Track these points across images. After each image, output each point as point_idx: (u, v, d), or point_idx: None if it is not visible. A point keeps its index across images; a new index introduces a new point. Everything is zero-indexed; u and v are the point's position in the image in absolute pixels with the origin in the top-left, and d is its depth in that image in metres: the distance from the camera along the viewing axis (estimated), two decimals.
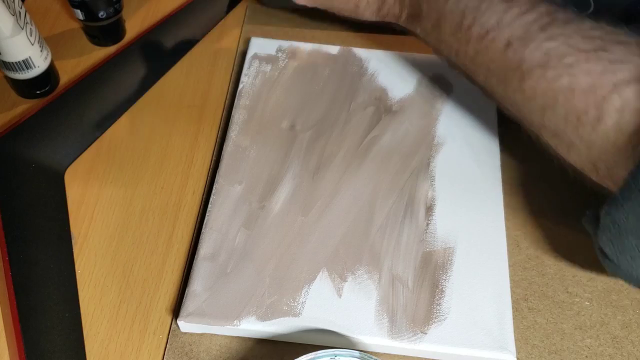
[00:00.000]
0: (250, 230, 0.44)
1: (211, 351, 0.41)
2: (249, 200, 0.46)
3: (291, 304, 0.41)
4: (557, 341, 0.42)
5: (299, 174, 0.48)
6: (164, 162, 0.51)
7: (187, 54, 0.59)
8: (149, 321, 0.43)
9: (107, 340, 0.42)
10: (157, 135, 0.53)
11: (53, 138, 0.51)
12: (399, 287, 0.42)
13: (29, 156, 0.49)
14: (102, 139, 0.52)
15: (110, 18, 0.57)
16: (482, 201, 0.47)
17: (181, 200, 0.49)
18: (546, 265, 0.45)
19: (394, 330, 0.40)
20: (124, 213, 0.48)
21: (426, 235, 0.45)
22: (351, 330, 0.40)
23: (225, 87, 0.56)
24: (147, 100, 0.55)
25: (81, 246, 0.46)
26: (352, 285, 0.42)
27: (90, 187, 0.49)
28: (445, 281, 0.43)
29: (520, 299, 0.44)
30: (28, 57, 0.51)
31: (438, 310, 0.41)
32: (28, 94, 0.55)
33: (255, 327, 0.40)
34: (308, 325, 0.41)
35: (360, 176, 0.47)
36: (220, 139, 0.52)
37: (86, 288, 0.44)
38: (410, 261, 0.43)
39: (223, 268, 0.43)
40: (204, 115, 0.54)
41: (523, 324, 0.43)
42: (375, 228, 0.45)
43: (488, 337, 0.40)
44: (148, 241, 0.46)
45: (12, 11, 0.48)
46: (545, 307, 0.43)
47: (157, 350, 0.41)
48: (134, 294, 0.44)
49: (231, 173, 0.48)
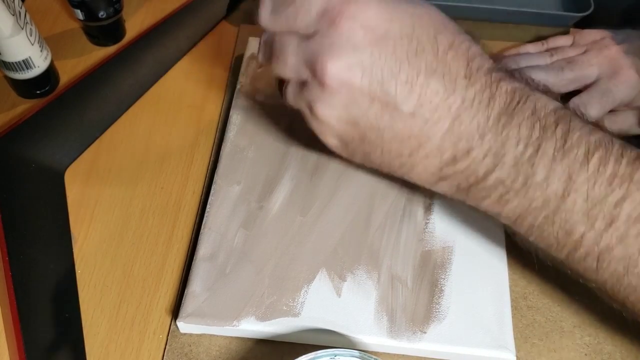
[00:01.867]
0: (249, 231, 0.45)
1: (211, 352, 0.41)
2: (247, 201, 0.46)
3: (290, 304, 0.41)
4: (557, 339, 0.42)
5: (298, 174, 0.48)
6: (163, 162, 0.51)
7: (187, 54, 0.59)
8: (148, 321, 0.43)
9: (107, 340, 0.42)
10: (156, 136, 0.53)
11: (53, 138, 0.51)
12: (398, 287, 0.42)
13: (29, 156, 0.49)
14: (102, 139, 0.52)
15: (110, 18, 0.57)
16: None
17: (181, 200, 0.49)
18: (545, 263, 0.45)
19: (393, 329, 0.40)
20: (124, 213, 0.48)
21: (425, 234, 0.45)
22: (351, 330, 0.40)
23: (224, 87, 0.56)
24: (146, 100, 0.55)
25: (81, 246, 0.46)
26: (351, 285, 0.42)
27: (90, 187, 0.49)
28: (445, 280, 0.43)
29: (519, 297, 0.44)
30: (28, 57, 0.51)
31: (437, 309, 0.41)
32: (28, 94, 0.55)
33: (254, 328, 0.40)
34: (307, 325, 0.41)
35: (358, 175, 0.47)
36: (219, 139, 0.52)
37: (86, 288, 0.44)
38: (409, 260, 0.43)
39: (222, 268, 0.43)
40: (203, 115, 0.54)
41: (522, 322, 0.43)
42: (374, 227, 0.45)
43: (487, 335, 0.40)
44: (148, 241, 0.46)
45: (12, 11, 0.48)
46: (545, 305, 0.43)
47: (157, 351, 0.41)
48: (133, 294, 0.44)
49: (229, 173, 0.48)
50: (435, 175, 0.36)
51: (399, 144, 0.35)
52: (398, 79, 0.33)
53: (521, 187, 0.33)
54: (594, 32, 0.55)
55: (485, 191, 0.34)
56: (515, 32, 0.61)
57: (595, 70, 0.51)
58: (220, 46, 0.59)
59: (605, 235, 0.31)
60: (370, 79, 0.33)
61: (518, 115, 0.33)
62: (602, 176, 0.31)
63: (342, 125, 0.36)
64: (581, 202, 0.31)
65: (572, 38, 0.56)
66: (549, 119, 0.33)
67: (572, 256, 0.33)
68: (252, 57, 0.55)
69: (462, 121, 0.33)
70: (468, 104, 0.33)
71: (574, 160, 0.32)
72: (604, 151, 0.31)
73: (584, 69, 0.51)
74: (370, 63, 0.33)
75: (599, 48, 0.52)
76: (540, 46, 0.56)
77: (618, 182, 0.31)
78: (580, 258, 0.33)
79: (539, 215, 0.33)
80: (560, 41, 0.56)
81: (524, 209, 0.34)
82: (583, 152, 0.32)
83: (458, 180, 0.35)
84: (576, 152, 0.32)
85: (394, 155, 0.36)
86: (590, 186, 0.31)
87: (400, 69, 0.33)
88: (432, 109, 0.33)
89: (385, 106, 0.34)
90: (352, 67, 0.33)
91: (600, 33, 0.54)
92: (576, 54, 0.53)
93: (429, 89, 0.33)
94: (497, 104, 0.33)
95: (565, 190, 0.32)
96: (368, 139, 0.36)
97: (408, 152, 0.35)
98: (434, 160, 0.35)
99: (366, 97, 0.34)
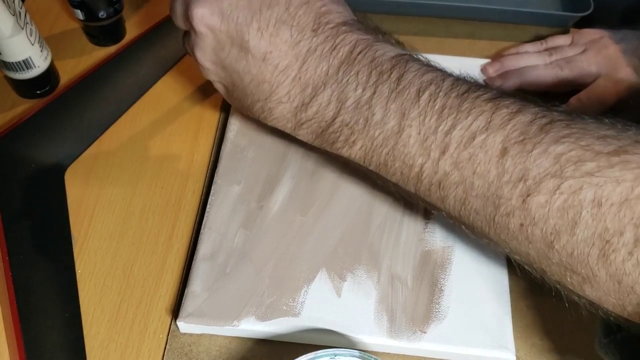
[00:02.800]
0: (249, 231, 0.45)
1: (211, 352, 0.41)
2: (247, 201, 0.46)
3: (290, 304, 0.41)
4: (557, 339, 0.42)
5: (297, 173, 0.48)
6: (163, 162, 0.51)
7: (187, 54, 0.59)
8: (149, 321, 0.43)
9: (107, 340, 0.42)
10: (157, 135, 0.53)
11: (53, 138, 0.51)
12: (398, 286, 0.42)
13: (29, 156, 0.49)
14: (102, 139, 0.52)
15: (110, 18, 0.57)
16: None
17: (181, 200, 0.49)
18: None
19: (393, 329, 0.40)
20: (124, 213, 0.48)
21: (425, 234, 0.45)
22: (351, 330, 0.40)
23: None
24: (147, 101, 0.55)
25: (81, 246, 0.46)
26: (351, 285, 0.42)
27: (90, 187, 0.49)
28: (445, 280, 0.43)
29: (519, 297, 0.44)
30: (28, 57, 0.51)
31: (437, 309, 0.41)
32: (28, 94, 0.55)
33: (254, 327, 0.40)
34: (307, 325, 0.41)
35: (358, 175, 0.47)
36: (219, 139, 0.52)
37: (86, 288, 0.44)
38: (410, 260, 0.43)
39: (222, 268, 0.43)
40: (203, 115, 0.54)
41: (522, 322, 0.43)
42: (374, 227, 0.45)
43: (487, 335, 0.40)
44: (148, 241, 0.46)
45: (12, 11, 0.48)
46: (545, 305, 0.43)
47: (157, 350, 0.41)
48: (134, 294, 0.44)
49: (229, 173, 0.48)
50: (291, 121, 0.40)
51: (256, 89, 0.40)
52: (251, 26, 0.38)
53: (363, 127, 0.36)
54: (592, 32, 0.55)
55: (334, 135, 0.38)
56: (515, 32, 0.61)
57: (594, 70, 0.51)
58: None
59: (442, 162, 0.34)
60: (228, 25, 0.39)
61: (359, 63, 0.37)
62: (431, 110, 0.34)
63: (216, 68, 0.42)
64: (415, 135, 0.34)
65: (571, 37, 0.56)
66: (386, 65, 0.36)
67: (419, 188, 0.36)
68: None
69: (307, 69, 0.38)
70: (312, 53, 0.38)
71: (406, 99, 0.35)
72: (434, 87, 0.34)
73: (583, 69, 0.52)
74: (229, 10, 0.38)
75: (597, 47, 0.52)
76: (539, 46, 0.57)
77: (447, 112, 0.33)
78: (426, 188, 0.35)
79: (382, 152, 0.36)
80: (559, 40, 0.56)
81: (368, 148, 0.37)
82: (415, 90, 0.35)
83: (312, 127, 0.39)
84: (408, 91, 0.35)
85: (255, 99, 0.41)
86: (421, 120, 0.34)
87: (253, 18, 0.38)
88: (281, 56, 0.38)
89: (241, 50, 0.39)
90: (213, 13, 0.39)
91: (598, 32, 0.54)
92: (575, 54, 0.53)
93: (278, 37, 0.38)
94: (340, 53, 0.37)
95: (400, 126, 0.35)
96: (236, 84, 0.41)
97: (264, 97, 0.40)
98: (287, 106, 0.39)
99: (228, 41, 0.39)
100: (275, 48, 0.38)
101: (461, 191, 0.34)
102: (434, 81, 0.35)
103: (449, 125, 0.33)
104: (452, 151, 0.33)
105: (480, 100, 0.33)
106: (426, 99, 0.34)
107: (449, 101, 0.34)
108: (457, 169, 0.33)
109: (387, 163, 0.36)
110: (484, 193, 0.33)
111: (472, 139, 0.32)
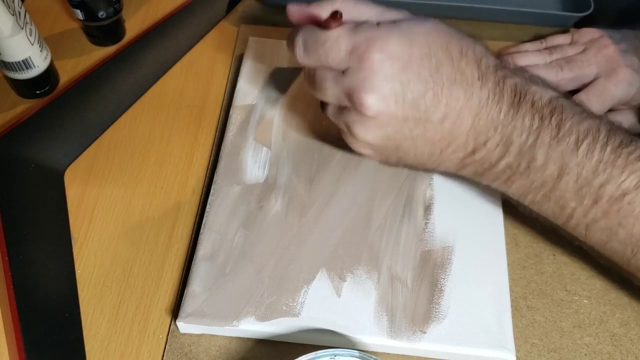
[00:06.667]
0: (249, 231, 0.45)
1: (210, 352, 0.41)
2: (247, 201, 0.46)
3: (290, 304, 0.41)
4: (556, 339, 0.42)
5: (297, 174, 0.48)
6: (163, 162, 0.51)
7: (187, 54, 0.59)
8: (148, 321, 0.43)
9: (107, 340, 0.42)
10: (156, 135, 0.53)
11: (53, 138, 0.51)
12: (398, 287, 0.42)
13: (29, 156, 0.49)
14: (102, 139, 0.52)
15: (110, 18, 0.57)
16: (480, 199, 0.47)
17: (181, 200, 0.49)
18: (545, 263, 0.45)
19: (393, 329, 0.40)
20: (124, 213, 0.48)
21: (425, 234, 0.45)
22: (350, 330, 0.40)
23: (224, 87, 0.56)
24: (146, 100, 0.55)
25: (81, 246, 0.46)
26: (351, 285, 0.42)
27: (90, 187, 0.49)
28: (445, 280, 0.43)
29: (519, 298, 0.44)
30: (28, 57, 0.51)
31: (437, 309, 0.41)
32: (28, 94, 0.55)
33: (254, 328, 0.40)
34: (307, 325, 0.41)
35: (358, 175, 0.47)
36: (219, 139, 0.52)
37: (86, 288, 0.44)
38: (409, 260, 0.43)
39: (222, 268, 0.43)
40: (203, 115, 0.54)
41: (522, 323, 0.43)
42: (373, 227, 0.45)
43: (487, 335, 0.40)
44: (148, 241, 0.46)
45: (12, 11, 0.48)
46: (544, 305, 0.43)
47: (157, 350, 0.41)
48: (133, 294, 0.44)
49: (229, 173, 0.48)
50: (458, 165, 0.42)
51: (431, 146, 0.41)
52: (426, 96, 0.38)
53: (524, 170, 0.39)
54: (592, 31, 0.55)
55: (496, 174, 0.40)
56: (515, 32, 0.61)
57: (594, 69, 0.51)
58: (220, 46, 0.59)
59: (592, 210, 0.38)
60: (403, 104, 0.38)
61: (521, 108, 0.38)
62: (589, 161, 0.37)
63: (378, 141, 0.41)
64: (572, 183, 0.38)
65: (571, 37, 0.56)
66: (545, 110, 0.38)
67: (566, 225, 0.40)
68: (251, 56, 0.55)
69: (480, 118, 0.39)
70: (484, 103, 0.39)
71: (566, 147, 0.37)
72: (591, 139, 0.37)
73: (583, 68, 0.51)
74: (401, 90, 0.38)
75: (597, 47, 0.52)
76: (539, 45, 0.56)
77: (602, 167, 0.37)
78: (573, 227, 0.40)
79: (538, 193, 0.39)
80: (559, 40, 0.56)
81: (526, 188, 0.40)
82: (574, 140, 0.37)
83: (475, 167, 0.41)
84: (568, 140, 0.37)
85: (427, 155, 0.41)
86: (579, 171, 0.37)
87: (427, 88, 0.38)
88: (457, 113, 0.39)
89: (417, 121, 0.39)
90: (386, 97, 0.38)
91: (598, 32, 0.54)
92: (575, 53, 0.53)
93: (452, 97, 0.38)
94: (505, 99, 0.39)
95: (559, 173, 0.38)
96: (402, 147, 0.41)
97: (439, 151, 0.41)
98: (459, 154, 0.41)
99: (400, 119, 0.39)
100: (451, 109, 0.39)
101: (605, 236, 0.38)
102: (591, 132, 0.37)
103: (603, 179, 0.37)
104: (603, 203, 0.37)
105: (633, 158, 0.36)
106: (584, 150, 0.37)
107: (605, 155, 0.37)
108: (606, 218, 0.37)
109: (541, 202, 0.40)
110: (625, 241, 0.37)
111: (623, 196, 0.36)
